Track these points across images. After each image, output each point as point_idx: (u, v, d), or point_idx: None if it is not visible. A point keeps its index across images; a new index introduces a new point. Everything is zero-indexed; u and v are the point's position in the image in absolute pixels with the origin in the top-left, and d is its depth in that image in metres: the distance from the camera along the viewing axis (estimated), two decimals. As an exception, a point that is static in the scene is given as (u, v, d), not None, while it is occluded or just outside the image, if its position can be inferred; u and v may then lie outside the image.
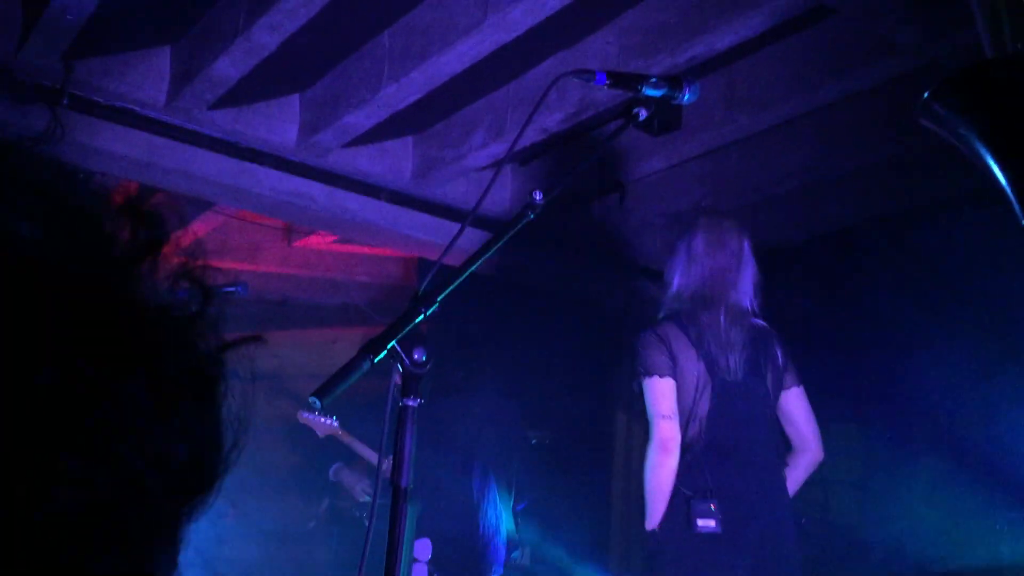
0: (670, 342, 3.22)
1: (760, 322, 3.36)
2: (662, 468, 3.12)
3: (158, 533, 0.50)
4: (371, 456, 5.05)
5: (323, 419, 5.03)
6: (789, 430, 3.36)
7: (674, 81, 2.00)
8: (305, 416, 4.97)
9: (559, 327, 5.39)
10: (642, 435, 5.51)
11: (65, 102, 3.68)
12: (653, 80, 1.98)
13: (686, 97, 2.02)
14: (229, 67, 3.61)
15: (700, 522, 3.04)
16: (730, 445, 3.18)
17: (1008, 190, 0.93)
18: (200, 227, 5.19)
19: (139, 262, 0.52)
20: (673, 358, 3.20)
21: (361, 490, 5.19)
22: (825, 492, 4.61)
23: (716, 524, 3.04)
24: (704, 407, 3.20)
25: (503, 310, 5.16)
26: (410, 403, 1.68)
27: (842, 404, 4.32)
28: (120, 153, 3.96)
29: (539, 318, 5.36)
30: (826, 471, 4.59)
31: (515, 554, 4.75)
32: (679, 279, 3.35)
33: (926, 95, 0.96)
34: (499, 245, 1.85)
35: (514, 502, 4.85)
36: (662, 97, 1.99)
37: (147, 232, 0.52)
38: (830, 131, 4.03)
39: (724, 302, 3.28)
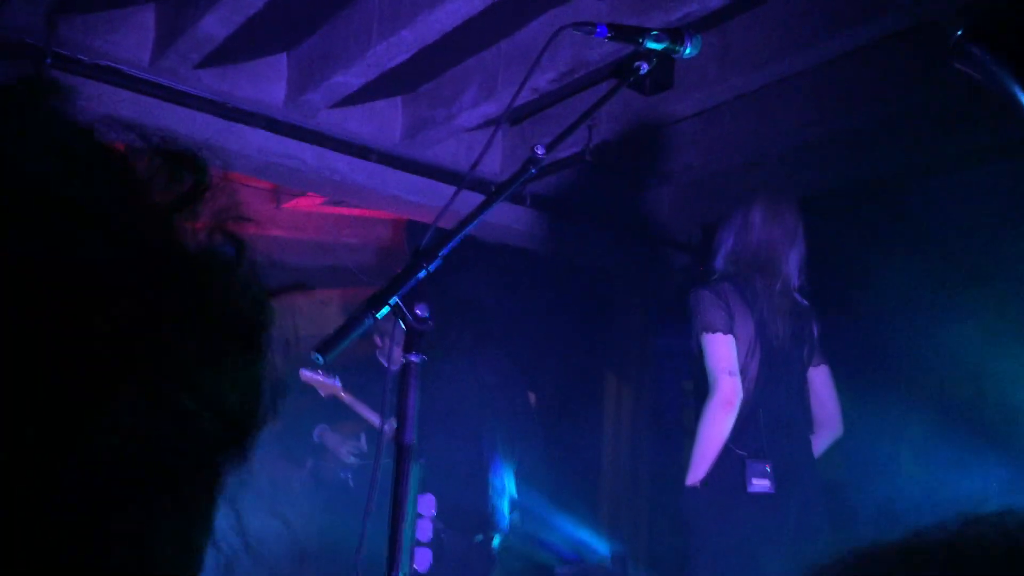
0: (728, 300, 3.26)
1: (803, 300, 3.43)
2: (722, 424, 3.15)
3: (208, 478, 0.50)
4: (370, 415, 5.03)
5: (326, 379, 4.99)
6: (815, 404, 3.45)
7: (675, 34, 1.97)
8: (307, 375, 4.93)
9: (553, 289, 5.38)
10: (632, 397, 5.54)
11: (48, 61, 3.61)
12: (654, 33, 1.95)
13: (688, 50, 1.99)
14: (215, 25, 3.55)
15: (755, 481, 3.08)
16: (777, 408, 3.25)
17: (1042, 130, 0.92)
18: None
19: (179, 207, 0.51)
20: (731, 315, 3.24)
21: (346, 451, 5.18)
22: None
23: (770, 485, 3.08)
24: (754, 369, 3.25)
25: (501, 273, 5.15)
26: (413, 359, 1.66)
27: (833, 364, 4.33)
28: (105, 113, 3.89)
29: (534, 281, 5.34)
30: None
31: (514, 515, 4.77)
32: (734, 243, 3.42)
33: (959, 33, 0.93)
34: (502, 197, 1.82)
35: (517, 464, 4.87)
36: (663, 50, 1.96)
37: (188, 176, 0.52)
38: (824, 90, 4.00)
39: (778, 273, 3.34)
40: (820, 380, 3.47)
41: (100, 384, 0.44)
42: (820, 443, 3.46)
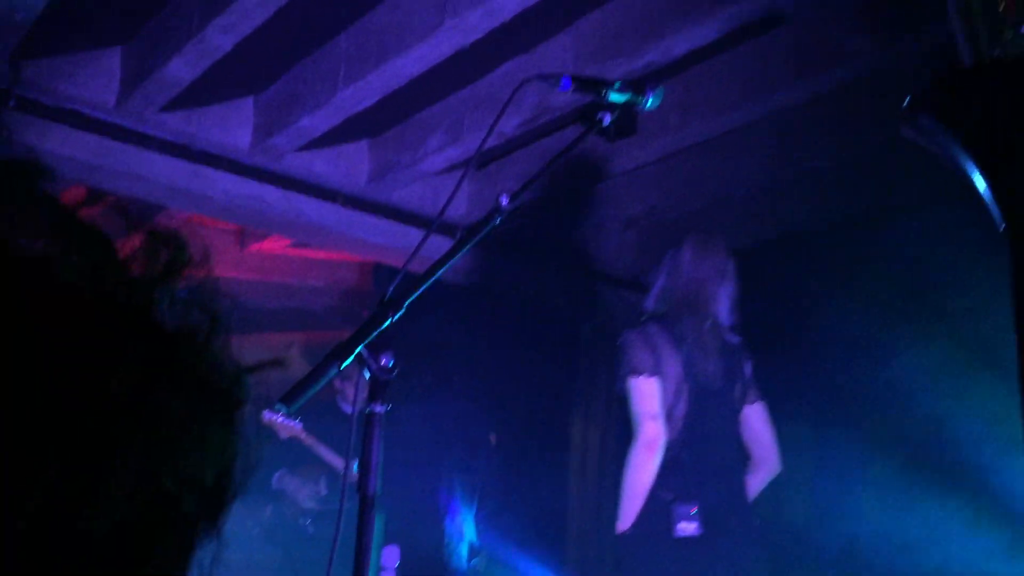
0: (655, 342, 3.27)
1: (733, 338, 3.44)
2: (646, 468, 3.14)
3: (183, 554, 0.50)
4: (333, 459, 4.99)
5: (287, 420, 4.95)
6: (750, 442, 3.43)
7: (637, 86, 2.01)
8: (268, 416, 4.89)
9: (516, 331, 5.39)
10: (598, 438, 5.54)
11: (12, 103, 3.60)
12: (617, 85, 1.98)
13: (649, 102, 2.03)
14: (182, 68, 3.55)
15: (681, 525, 3.06)
16: (705, 449, 3.23)
17: (987, 197, 0.95)
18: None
19: (157, 285, 0.52)
20: (657, 357, 3.24)
21: (305, 496, 5.13)
22: (777, 493, 4.66)
23: (697, 528, 3.06)
24: (682, 409, 3.24)
25: (463, 315, 5.15)
26: (377, 409, 1.66)
27: (795, 405, 4.37)
28: (69, 155, 3.88)
29: (496, 322, 5.35)
30: (779, 472, 4.66)
31: (474, 561, 4.74)
32: (664, 283, 3.45)
33: (906, 103, 0.97)
34: (465, 249, 1.84)
35: (476, 508, 4.85)
36: (626, 102, 2.00)
37: (166, 255, 0.53)
38: (785, 136, 4.08)
39: (707, 311, 3.36)
40: (755, 417, 3.45)
41: (95, 462, 0.45)
42: (757, 481, 3.43)
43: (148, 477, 0.47)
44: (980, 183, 0.95)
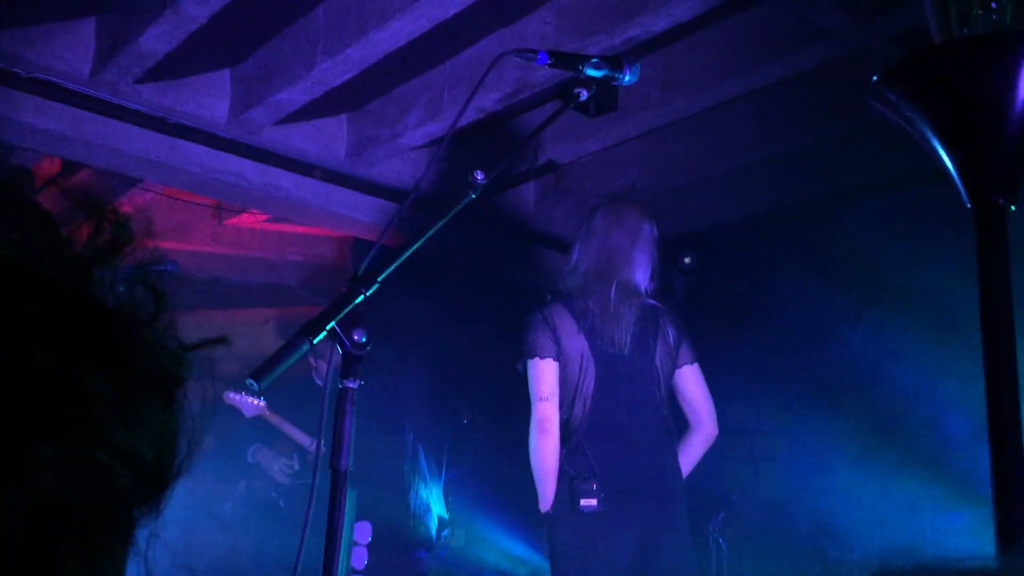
0: (555, 323, 3.24)
1: (652, 302, 3.35)
2: (543, 449, 3.16)
3: (120, 532, 0.50)
4: (299, 436, 4.99)
5: (250, 399, 4.95)
6: (684, 407, 3.37)
7: (615, 62, 1.99)
8: (232, 397, 4.88)
9: (491, 308, 5.38)
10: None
11: (-17, 73, 3.54)
12: (594, 60, 1.97)
13: (627, 78, 2.02)
14: (157, 40, 3.51)
15: (583, 501, 3.08)
16: (614, 424, 3.20)
17: (953, 173, 0.95)
18: (127, 204, 5.05)
19: (99, 261, 0.52)
20: (557, 340, 3.22)
21: (278, 470, 5.13)
22: (754, 468, 4.71)
23: (598, 503, 3.07)
24: (589, 386, 3.22)
25: (434, 290, 5.14)
26: (350, 384, 1.65)
27: (771, 382, 4.41)
28: (42, 127, 3.83)
29: (470, 298, 5.34)
30: (755, 448, 4.70)
31: (445, 533, 4.76)
32: (576, 255, 3.39)
33: (875, 78, 0.97)
34: (440, 225, 1.83)
35: (444, 481, 4.86)
36: (603, 77, 1.99)
37: (108, 232, 0.53)
38: (765, 113, 4.08)
39: (616, 278, 3.28)
40: (686, 380, 3.36)
41: (16, 439, 0.44)
42: (695, 446, 3.35)
43: (77, 450, 0.46)
44: (946, 160, 0.95)
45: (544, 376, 3.20)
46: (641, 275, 3.32)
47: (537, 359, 3.21)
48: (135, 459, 0.49)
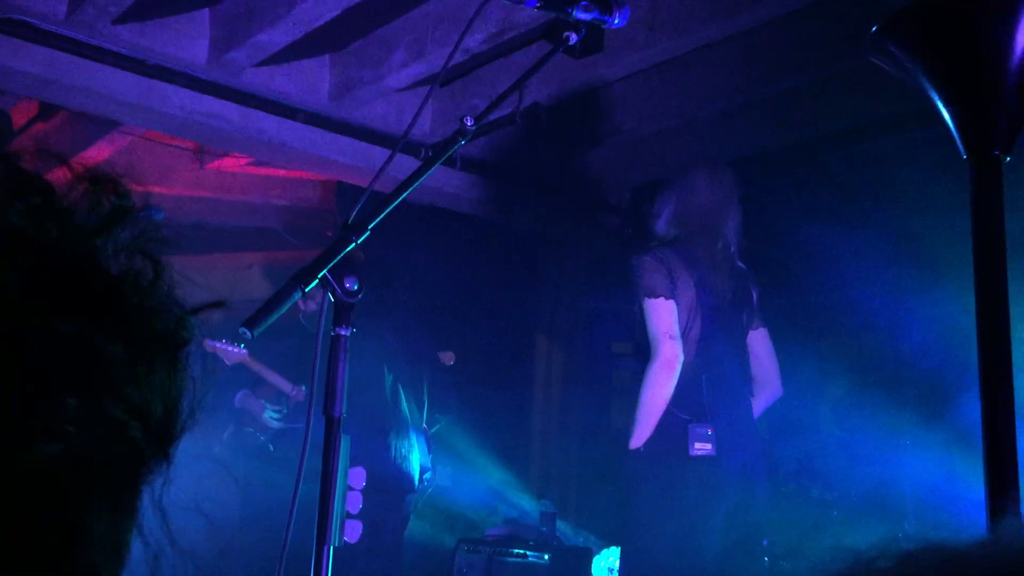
0: (669, 265, 3.29)
1: (741, 264, 3.49)
2: (663, 388, 3.19)
3: (137, 482, 0.55)
4: (281, 383, 5.01)
5: (231, 347, 4.94)
6: (755, 366, 3.50)
7: (604, 4, 1.96)
8: (211, 344, 4.88)
9: (475, 251, 5.38)
10: (562, 357, 5.60)
11: (-44, 14, 3.46)
12: (584, 3, 1.94)
13: (616, 21, 1.99)
14: (134, -21, 3.43)
15: (698, 445, 3.14)
16: (719, 371, 3.29)
17: (950, 125, 0.95)
18: (106, 148, 4.98)
19: (101, 231, 0.55)
20: (673, 281, 3.27)
21: (267, 416, 5.15)
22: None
23: (712, 448, 3.12)
24: (696, 331, 3.29)
25: (419, 234, 5.13)
26: (342, 332, 1.65)
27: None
28: (18, 69, 3.76)
29: (455, 242, 5.34)
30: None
31: (427, 476, 4.82)
32: (676, 207, 3.45)
33: (874, 29, 0.96)
34: (431, 171, 1.81)
35: (425, 424, 4.90)
36: (592, 20, 1.96)
37: (109, 201, 0.56)
38: (751, 55, 4.05)
39: (719, 234, 3.40)
40: (760, 342, 3.52)
41: (49, 393, 0.49)
42: (760, 404, 3.51)
43: (97, 407, 0.51)
44: (944, 111, 0.95)
45: (668, 315, 3.24)
46: (735, 236, 3.45)
47: (662, 299, 3.24)
48: (147, 415, 0.54)
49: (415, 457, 4.63)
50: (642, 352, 3.32)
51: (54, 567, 0.50)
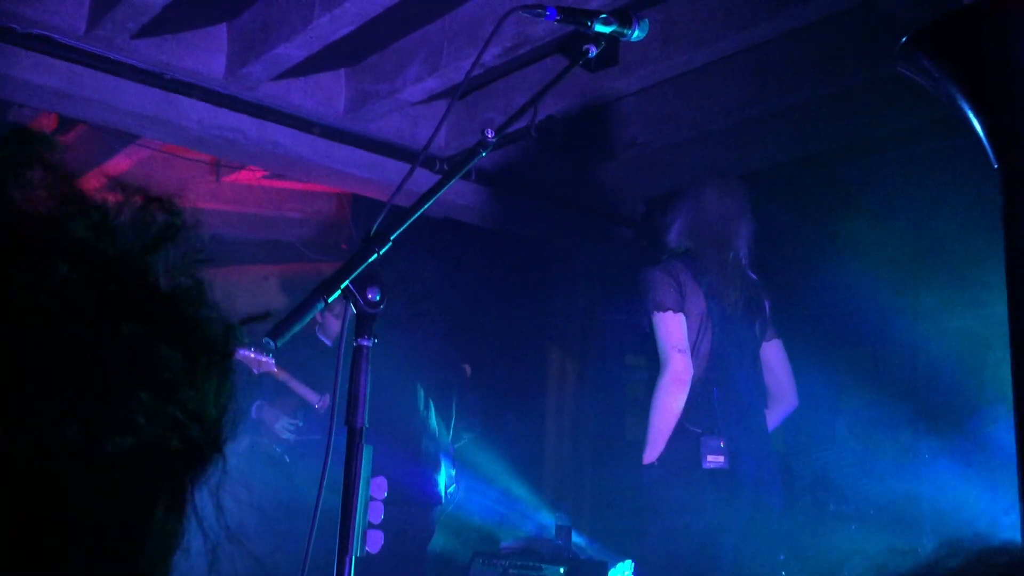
0: (679, 279, 3.29)
1: (753, 275, 3.48)
2: (674, 401, 3.18)
3: (196, 473, 0.59)
4: (307, 394, 5.00)
5: (260, 356, 4.95)
6: (769, 378, 3.49)
7: (623, 17, 1.97)
8: (241, 353, 4.89)
9: (489, 263, 5.39)
10: (575, 369, 5.60)
11: (-22, 29, 3.50)
12: (603, 16, 1.95)
13: (635, 33, 2.00)
14: (153, -6, 3.46)
15: (710, 458, 3.12)
16: (730, 384, 3.27)
17: (981, 134, 0.96)
18: (124, 161, 5.02)
19: (152, 250, 0.60)
20: (682, 294, 3.27)
21: (281, 427, 5.15)
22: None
23: (725, 460, 3.11)
24: (707, 345, 3.28)
25: (435, 246, 5.14)
26: (364, 343, 1.66)
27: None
28: (39, 83, 3.79)
29: (469, 254, 5.35)
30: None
31: (451, 488, 4.81)
32: (687, 219, 3.44)
33: (904, 40, 0.97)
34: (451, 183, 1.82)
35: (452, 438, 4.90)
36: (612, 33, 1.97)
37: (161, 220, 0.61)
38: (764, 68, 4.06)
39: (730, 246, 3.38)
40: (774, 354, 3.50)
41: (122, 390, 0.54)
42: (775, 416, 3.49)
43: (161, 409, 0.55)
44: (974, 121, 0.95)
45: (677, 328, 3.24)
46: (747, 248, 3.44)
47: (671, 312, 3.24)
48: (203, 417, 0.58)
49: (443, 471, 4.63)
50: (653, 366, 3.32)
51: (126, 555, 0.54)
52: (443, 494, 4.64)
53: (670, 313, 3.25)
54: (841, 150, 4.39)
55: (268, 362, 4.95)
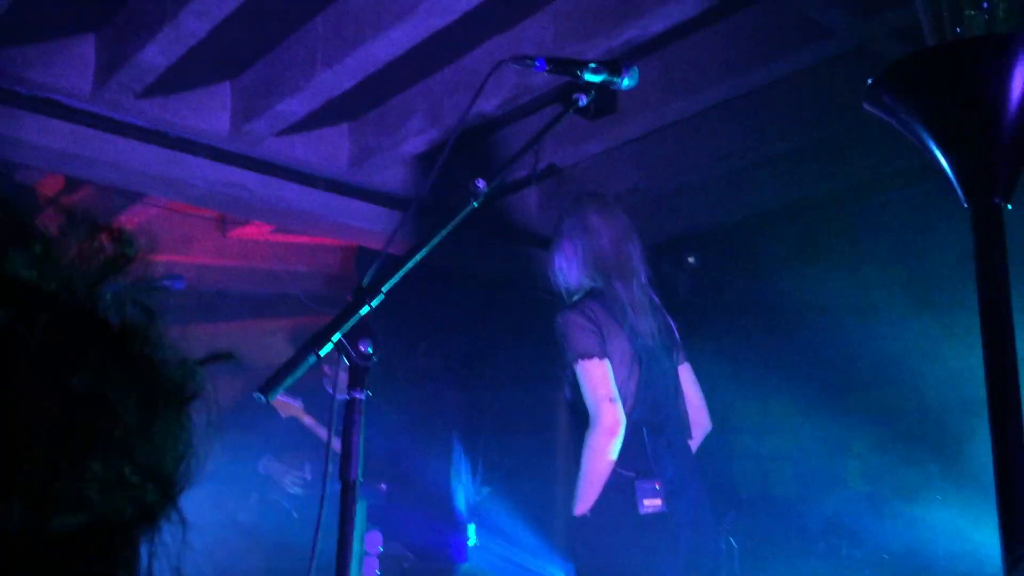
0: (598, 321, 3.05)
1: (656, 297, 3.26)
2: (606, 453, 2.96)
3: (151, 540, 0.53)
4: (333, 441, 4.99)
5: (288, 400, 4.89)
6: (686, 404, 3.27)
7: (613, 66, 2.00)
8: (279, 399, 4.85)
9: (492, 309, 5.39)
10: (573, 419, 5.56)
11: (-16, 93, 3.56)
12: (592, 66, 1.98)
13: (625, 82, 2.02)
14: (157, 55, 3.52)
15: (647, 502, 2.91)
16: (658, 421, 3.08)
17: (949, 173, 0.96)
18: (130, 220, 5.07)
19: (100, 281, 0.54)
20: (603, 336, 3.03)
21: (290, 481, 5.13)
22: (763, 467, 4.71)
23: (662, 504, 2.92)
24: (634, 383, 3.06)
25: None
26: (358, 395, 1.66)
27: (777, 381, 4.41)
28: (45, 145, 3.85)
29: (471, 301, 5.35)
30: (763, 447, 4.70)
31: (473, 541, 4.77)
32: (583, 255, 3.19)
33: (870, 82, 0.98)
34: (443, 234, 1.83)
35: (476, 488, 4.88)
36: (602, 82, 1.99)
37: (109, 250, 0.55)
38: (764, 113, 4.08)
39: (632, 268, 3.17)
40: (685, 378, 3.26)
41: (71, 458, 0.48)
42: (695, 443, 3.27)
43: (114, 475, 0.49)
44: (943, 160, 0.96)
45: (604, 377, 2.98)
46: (645, 268, 3.22)
47: (595, 359, 2.98)
48: (160, 476, 0.52)
49: (470, 527, 4.60)
50: (579, 414, 3.08)
51: None
52: (469, 546, 4.60)
53: (595, 360, 2.98)
54: (842, 192, 4.40)
55: (296, 406, 4.91)
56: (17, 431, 0.46)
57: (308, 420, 5.01)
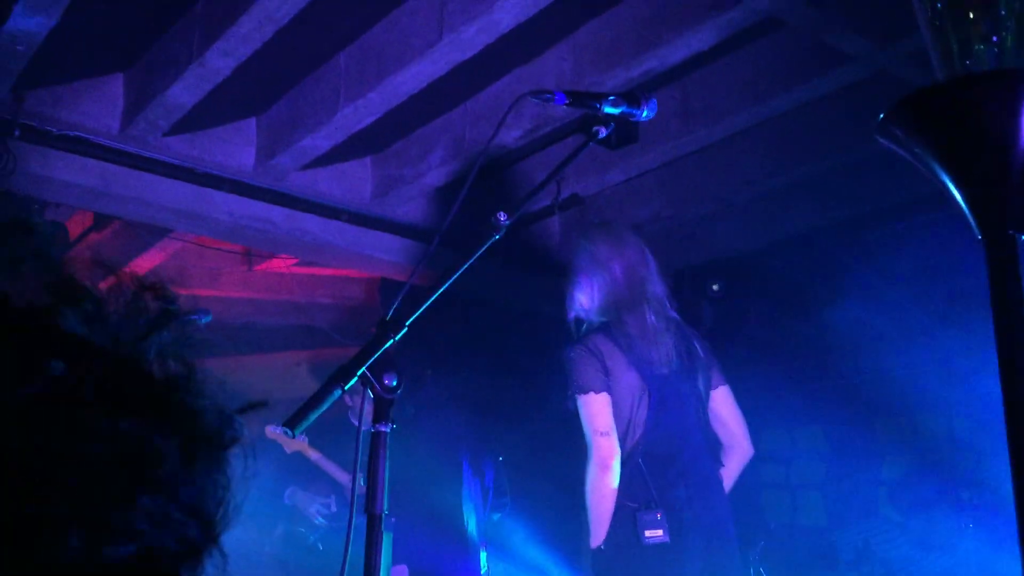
0: (602, 355, 3.09)
1: (675, 315, 3.25)
2: (603, 486, 3.02)
3: (195, 573, 0.58)
4: (337, 473, 5.00)
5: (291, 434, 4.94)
6: (719, 429, 3.27)
7: (632, 98, 2.01)
8: (273, 431, 4.89)
9: (513, 337, 5.40)
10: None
11: (16, 133, 3.64)
12: (611, 98, 1.99)
13: (644, 113, 2.03)
14: (183, 93, 3.59)
15: (648, 533, 2.94)
16: (668, 452, 3.08)
17: (964, 207, 0.97)
18: (158, 255, 5.14)
19: (146, 336, 0.59)
20: (607, 371, 3.07)
21: (315, 511, 5.14)
22: (792, 495, 4.67)
23: (664, 534, 2.95)
24: (642, 415, 3.09)
25: (470, 326, 5.17)
26: (382, 428, 1.67)
27: (806, 408, 4.37)
28: (74, 182, 3.91)
29: (493, 330, 5.36)
30: (792, 475, 4.66)
31: (487, 569, 4.76)
32: (594, 288, 3.21)
33: (882, 116, 0.99)
34: (465, 267, 1.85)
35: (488, 513, 4.87)
36: (621, 114, 2.01)
37: (155, 306, 0.60)
38: (784, 140, 4.09)
39: (644, 297, 3.17)
40: (721, 402, 3.25)
41: (123, 493, 0.53)
42: (732, 468, 3.27)
43: (161, 511, 0.54)
44: (955, 193, 0.96)
45: (601, 411, 3.03)
46: (663, 289, 3.22)
47: (592, 394, 3.04)
48: (201, 513, 0.57)
49: (482, 552, 4.59)
50: (582, 449, 3.10)
51: None
52: (482, 572, 4.59)
53: (592, 395, 3.03)
54: (867, 216, 4.38)
55: (301, 441, 4.95)
56: (75, 468, 0.51)
57: (315, 455, 5.03)
